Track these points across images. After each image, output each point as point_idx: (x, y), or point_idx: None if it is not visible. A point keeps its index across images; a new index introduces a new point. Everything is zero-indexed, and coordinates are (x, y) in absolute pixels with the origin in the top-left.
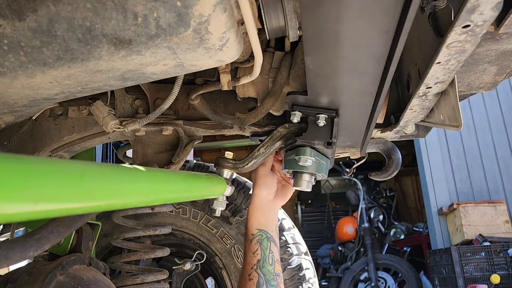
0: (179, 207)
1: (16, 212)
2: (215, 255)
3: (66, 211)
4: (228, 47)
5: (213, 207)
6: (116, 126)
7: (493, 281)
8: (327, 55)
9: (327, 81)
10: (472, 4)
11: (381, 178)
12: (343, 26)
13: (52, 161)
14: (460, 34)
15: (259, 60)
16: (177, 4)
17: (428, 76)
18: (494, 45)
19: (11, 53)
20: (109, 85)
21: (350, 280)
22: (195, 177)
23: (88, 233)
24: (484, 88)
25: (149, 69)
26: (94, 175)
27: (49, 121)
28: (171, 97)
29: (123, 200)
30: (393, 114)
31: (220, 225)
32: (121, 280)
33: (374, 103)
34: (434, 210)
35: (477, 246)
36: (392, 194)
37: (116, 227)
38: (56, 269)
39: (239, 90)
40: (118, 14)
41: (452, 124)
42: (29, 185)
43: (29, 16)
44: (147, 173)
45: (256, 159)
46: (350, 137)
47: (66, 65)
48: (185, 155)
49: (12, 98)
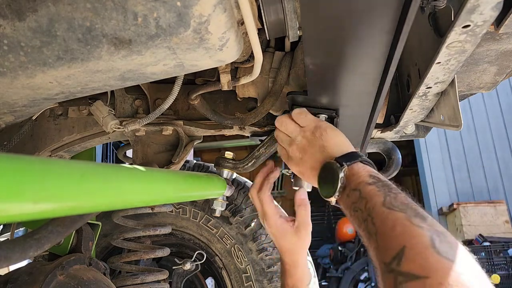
0: (179, 207)
1: (16, 212)
2: (215, 255)
3: (66, 211)
4: (228, 47)
5: (213, 207)
6: (116, 126)
7: (493, 281)
8: (327, 55)
9: (327, 81)
10: (472, 4)
11: None
12: (343, 26)
13: (52, 161)
14: (460, 34)
15: (259, 60)
16: (177, 4)
17: (428, 76)
18: (494, 45)
19: (11, 53)
20: (109, 85)
21: (350, 280)
22: (195, 177)
23: (88, 233)
24: (484, 88)
25: (149, 69)
26: (94, 175)
27: (49, 121)
28: (171, 97)
29: (123, 200)
30: (393, 114)
31: (220, 225)
32: (121, 280)
33: (374, 103)
34: (434, 210)
35: (477, 246)
36: None
37: (116, 227)
38: (56, 269)
39: (239, 90)
40: (118, 14)
41: (452, 124)
42: (29, 185)
43: (29, 16)
44: (147, 173)
45: (256, 159)
46: (350, 137)
47: (66, 65)
48: (185, 155)
49: (12, 98)
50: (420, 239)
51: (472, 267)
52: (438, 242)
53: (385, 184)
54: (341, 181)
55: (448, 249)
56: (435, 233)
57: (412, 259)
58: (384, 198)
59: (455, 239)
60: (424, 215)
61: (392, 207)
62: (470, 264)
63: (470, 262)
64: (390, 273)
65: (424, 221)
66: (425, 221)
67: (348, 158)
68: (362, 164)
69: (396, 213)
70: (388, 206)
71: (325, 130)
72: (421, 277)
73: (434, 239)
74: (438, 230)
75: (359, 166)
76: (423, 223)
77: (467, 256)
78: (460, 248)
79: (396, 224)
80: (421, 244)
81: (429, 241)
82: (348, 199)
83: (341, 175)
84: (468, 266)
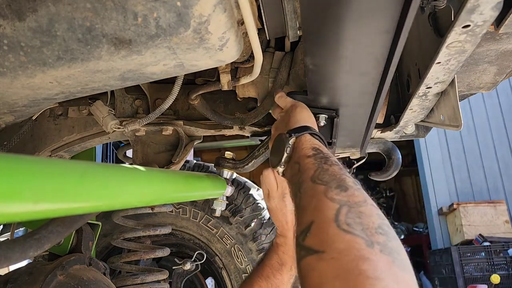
0: (179, 207)
1: (16, 212)
2: (215, 255)
3: (66, 211)
4: (228, 47)
5: (213, 207)
6: (116, 126)
7: (493, 281)
8: (327, 55)
9: (327, 81)
10: (472, 4)
11: (381, 178)
12: (343, 26)
13: (52, 161)
14: (460, 34)
15: (259, 60)
16: (177, 4)
17: (428, 76)
18: (494, 45)
19: (11, 53)
20: (109, 85)
21: None
22: (195, 177)
23: (88, 233)
24: (484, 88)
25: (149, 69)
26: (94, 175)
27: (49, 121)
28: (171, 97)
29: (123, 200)
30: (393, 114)
31: (220, 225)
32: (121, 280)
33: (374, 103)
34: (434, 210)
35: (477, 246)
36: (392, 194)
37: (116, 227)
38: (56, 269)
39: (239, 90)
40: (118, 14)
41: (452, 124)
42: (29, 185)
43: (29, 16)
44: (147, 173)
45: (256, 159)
46: (350, 137)
47: (66, 65)
48: (185, 155)
49: (12, 98)
50: (326, 212)
51: (376, 238)
52: (344, 214)
53: (323, 156)
54: (286, 151)
55: (353, 221)
56: (346, 205)
57: (314, 233)
58: (314, 171)
59: (371, 209)
60: (346, 185)
61: (318, 180)
62: (373, 236)
63: (375, 234)
64: (296, 247)
65: (343, 192)
66: (344, 192)
67: (298, 130)
68: (310, 137)
69: (317, 187)
70: (314, 179)
71: (296, 109)
72: (318, 251)
73: (340, 212)
74: (352, 201)
75: (306, 139)
76: (339, 195)
77: (373, 228)
78: (371, 219)
79: (313, 199)
80: (325, 217)
81: (333, 214)
82: (290, 172)
83: (286, 145)
84: (369, 238)
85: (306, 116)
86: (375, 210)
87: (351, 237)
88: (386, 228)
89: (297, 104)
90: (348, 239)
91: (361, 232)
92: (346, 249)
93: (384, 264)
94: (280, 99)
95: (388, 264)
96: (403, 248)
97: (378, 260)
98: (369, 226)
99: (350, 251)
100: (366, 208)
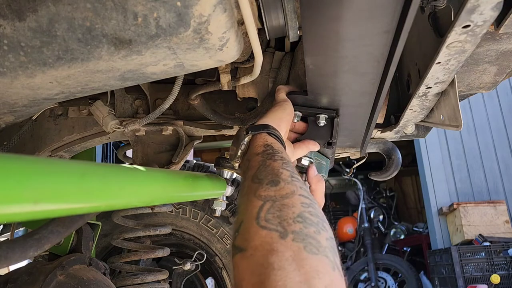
0: (179, 207)
1: (16, 212)
2: (215, 255)
3: (66, 211)
4: (228, 47)
5: (213, 207)
6: (116, 126)
7: (493, 281)
8: (327, 55)
9: (327, 81)
10: (472, 4)
11: (381, 178)
12: (343, 26)
13: (52, 161)
14: (460, 34)
15: (259, 60)
16: (177, 4)
17: (428, 76)
18: (494, 45)
19: (11, 53)
20: (109, 85)
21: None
22: (195, 177)
23: (88, 233)
24: (484, 88)
25: (149, 69)
26: (94, 175)
27: (49, 121)
28: (171, 97)
29: (123, 200)
30: (393, 114)
31: (220, 225)
32: (121, 280)
33: (374, 103)
34: (434, 210)
35: (477, 246)
36: (392, 194)
37: (116, 227)
38: (56, 269)
39: (239, 90)
40: (118, 14)
41: (452, 124)
42: (29, 185)
43: (29, 16)
44: (147, 173)
45: None
46: (350, 137)
47: (66, 65)
48: (185, 155)
49: (12, 98)
50: (251, 211)
51: (292, 228)
52: (265, 211)
53: (271, 152)
54: (241, 148)
55: (272, 216)
56: (271, 200)
57: (241, 233)
58: (256, 169)
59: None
60: (279, 179)
61: (255, 179)
62: (289, 226)
63: (292, 223)
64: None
65: (272, 187)
66: (274, 187)
67: (256, 128)
68: (266, 135)
69: (252, 186)
70: (253, 178)
71: (275, 107)
72: (242, 249)
73: (262, 208)
74: (278, 195)
75: (262, 136)
76: (266, 191)
77: (292, 218)
78: (291, 209)
79: (245, 198)
80: (249, 216)
81: (256, 212)
82: (242, 168)
83: (241, 142)
84: (285, 229)
85: (280, 116)
86: (302, 199)
87: (266, 233)
88: (307, 215)
89: (282, 103)
90: (264, 234)
91: (277, 226)
92: (260, 245)
93: (292, 253)
94: (276, 93)
95: (297, 251)
96: (325, 231)
97: (285, 250)
98: (287, 217)
99: (263, 247)
100: (291, 200)
